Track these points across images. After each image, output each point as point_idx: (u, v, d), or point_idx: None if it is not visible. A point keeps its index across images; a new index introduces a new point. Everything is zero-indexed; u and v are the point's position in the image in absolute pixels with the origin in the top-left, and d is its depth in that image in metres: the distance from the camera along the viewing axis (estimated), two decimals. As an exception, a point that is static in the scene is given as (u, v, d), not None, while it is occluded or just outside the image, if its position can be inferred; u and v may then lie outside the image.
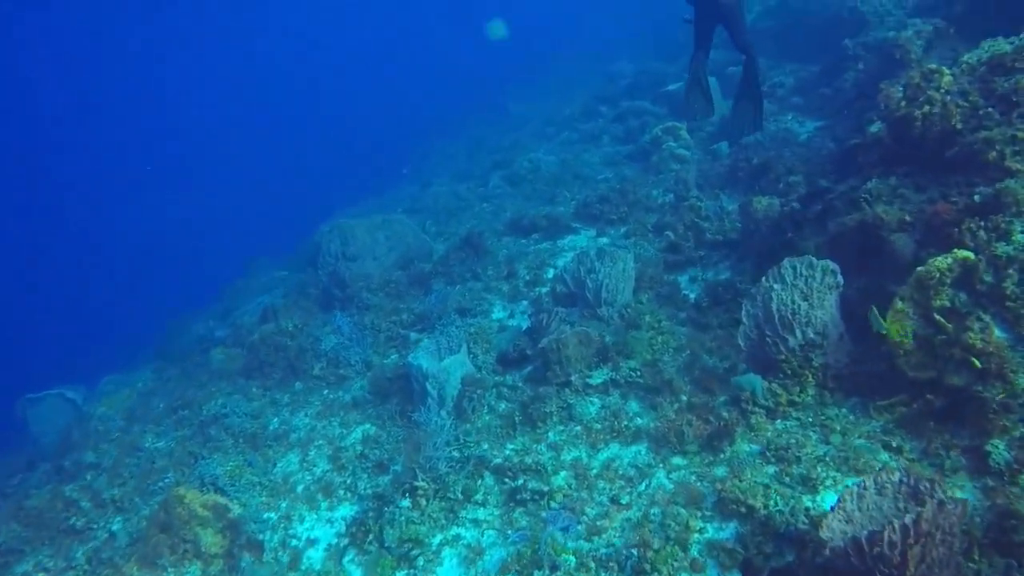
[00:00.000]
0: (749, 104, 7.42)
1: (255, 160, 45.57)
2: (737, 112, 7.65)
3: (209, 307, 18.05)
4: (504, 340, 8.51)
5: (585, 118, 19.43)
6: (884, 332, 5.51)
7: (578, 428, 6.82)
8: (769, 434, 5.80)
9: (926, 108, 6.13)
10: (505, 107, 29.51)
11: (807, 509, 4.91)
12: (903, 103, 6.44)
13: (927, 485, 4.04)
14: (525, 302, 9.77)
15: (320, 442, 8.26)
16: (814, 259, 5.92)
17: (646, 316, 7.93)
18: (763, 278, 6.16)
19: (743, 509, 5.05)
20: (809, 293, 5.92)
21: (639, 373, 7.09)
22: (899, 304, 5.40)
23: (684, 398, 6.67)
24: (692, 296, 8.66)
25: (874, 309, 5.72)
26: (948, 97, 6.09)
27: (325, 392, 9.29)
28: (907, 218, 5.96)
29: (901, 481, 4.15)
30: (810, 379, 5.95)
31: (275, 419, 9.04)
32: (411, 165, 24.95)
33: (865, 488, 4.22)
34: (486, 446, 7.01)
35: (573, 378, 7.20)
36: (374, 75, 53.38)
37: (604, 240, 11.09)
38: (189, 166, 47.19)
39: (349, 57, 57.37)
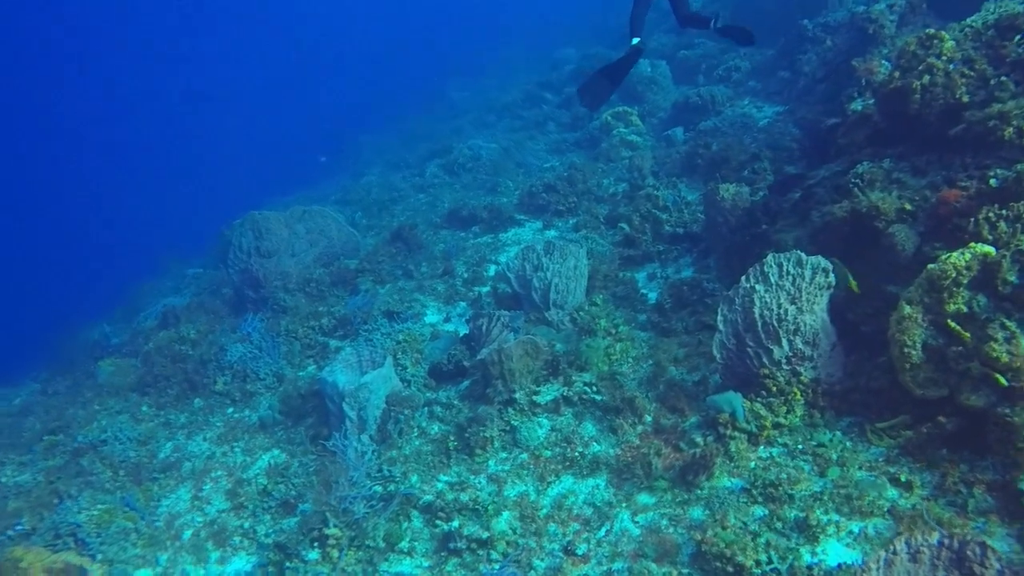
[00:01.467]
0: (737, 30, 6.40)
1: (180, 147, 42.88)
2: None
3: (113, 309, 16.26)
4: (438, 349, 7.36)
5: (528, 104, 18.36)
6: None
7: (524, 456, 5.73)
8: (753, 465, 4.83)
9: (925, 79, 5.25)
10: (446, 95, 28.27)
11: (809, 568, 3.93)
12: (896, 75, 5.55)
13: (977, 551, 3.10)
14: (463, 304, 8.64)
15: (218, 473, 6.97)
16: (803, 255, 4.97)
17: (601, 320, 6.90)
18: (743, 278, 5.18)
19: (730, 568, 4.04)
20: (797, 295, 4.97)
21: (595, 388, 6.05)
22: (906, 308, 4.49)
23: (649, 419, 5.65)
24: (652, 296, 7.69)
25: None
26: (951, 66, 5.22)
27: (229, 411, 7.97)
28: (907, 207, 5.07)
29: (941, 544, 3.20)
30: (798, 397, 5.00)
31: (167, 444, 7.67)
32: (330, 154, 23.33)
33: (895, 553, 3.25)
34: (415, 479, 5.87)
35: (518, 395, 6.11)
36: (313, 64, 50.95)
37: (551, 233, 10.03)
38: (107, 146, 44.01)
39: (290, 45, 54.65)
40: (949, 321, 4.35)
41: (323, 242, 10.57)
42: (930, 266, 4.42)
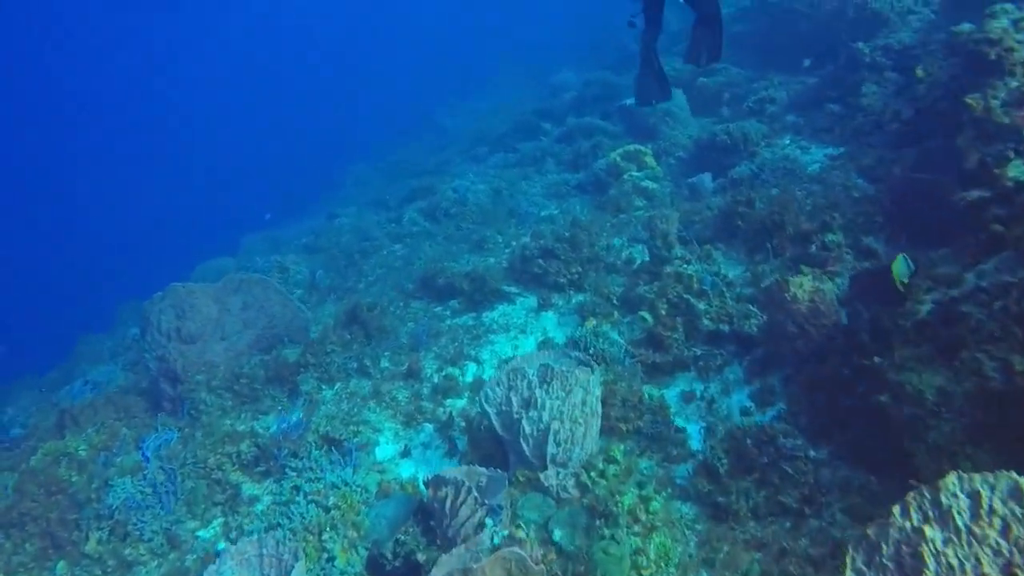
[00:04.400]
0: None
1: (161, 179, 40.84)
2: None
3: (51, 368, 13.89)
4: (384, 521, 5.01)
5: (524, 135, 16.16)
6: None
7: None
8: None
9: None
10: (437, 122, 26.27)
11: None
12: None
13: None
14: (429, 427, 6.29)
15: None
16: (1021, 481, 2.64)
17: (626, 495, 4.56)
18: (895, 511, 2.85)
19: None
20: (1014, 556, 2.65)
21: (621, 639, 3.71)
22: None
23: None
24: (693, 432, 5.40)
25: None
26: None
27: (97, 588, 5.62)
28: None
29: None
30: None
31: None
32: (274, 211, 21.15)
33: None
34: None
35: (497, 645, 3.75)
36: (301, 92, 48.84)
37: (549, 317, 7.72)
38: (84, 176, 41.86)
39: (277, 73, 52.43)
40: None
41: (262, 321, 8.24)
42: None
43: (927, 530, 2.75)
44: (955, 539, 2.70)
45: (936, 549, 2.71)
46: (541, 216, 11.20)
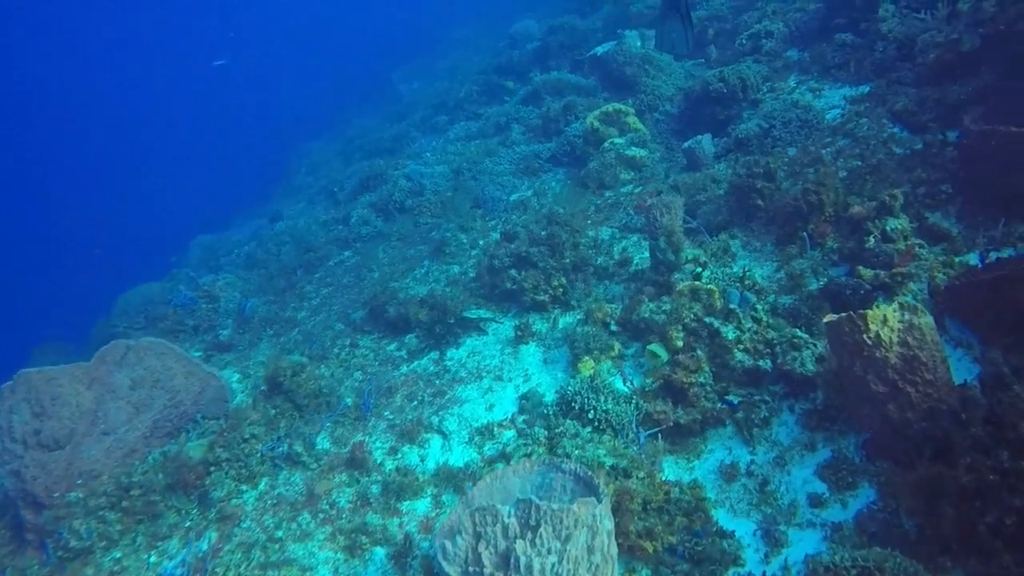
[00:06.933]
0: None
1: (108, 181, 38.28)
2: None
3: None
4: None
5: (486, 98, 14.27)
6: None
7: None
8: None
9: None
10: (395, 87, 24.09)
11: None
12: None
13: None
14: (380, 553, 4.58)
15: None
16: None
17: None
18: None
19: None
20: None
21: None
22: None
23: None
24: (747, 540, 3.80)
25: None
26: None
27: None
28: None
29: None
30: None
31: None
32: (230, 206, 19.03)
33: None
34: None
35: None
36: (258, 71, 45.65)
37: (531, 352, 6.00)
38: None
39: (231, 54, 48.90)
40: None
41: (161, 399, 6.45)
42: None
43: None
44: None
45: None
46: (511, 201, 9.41)
